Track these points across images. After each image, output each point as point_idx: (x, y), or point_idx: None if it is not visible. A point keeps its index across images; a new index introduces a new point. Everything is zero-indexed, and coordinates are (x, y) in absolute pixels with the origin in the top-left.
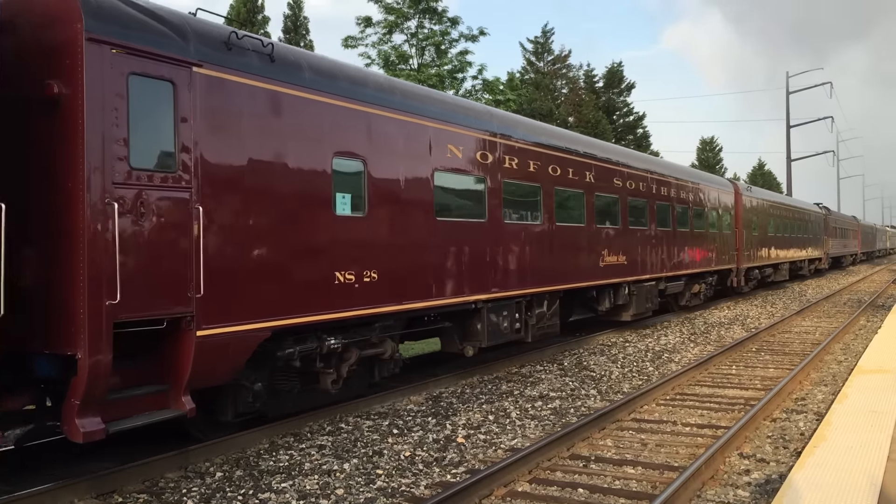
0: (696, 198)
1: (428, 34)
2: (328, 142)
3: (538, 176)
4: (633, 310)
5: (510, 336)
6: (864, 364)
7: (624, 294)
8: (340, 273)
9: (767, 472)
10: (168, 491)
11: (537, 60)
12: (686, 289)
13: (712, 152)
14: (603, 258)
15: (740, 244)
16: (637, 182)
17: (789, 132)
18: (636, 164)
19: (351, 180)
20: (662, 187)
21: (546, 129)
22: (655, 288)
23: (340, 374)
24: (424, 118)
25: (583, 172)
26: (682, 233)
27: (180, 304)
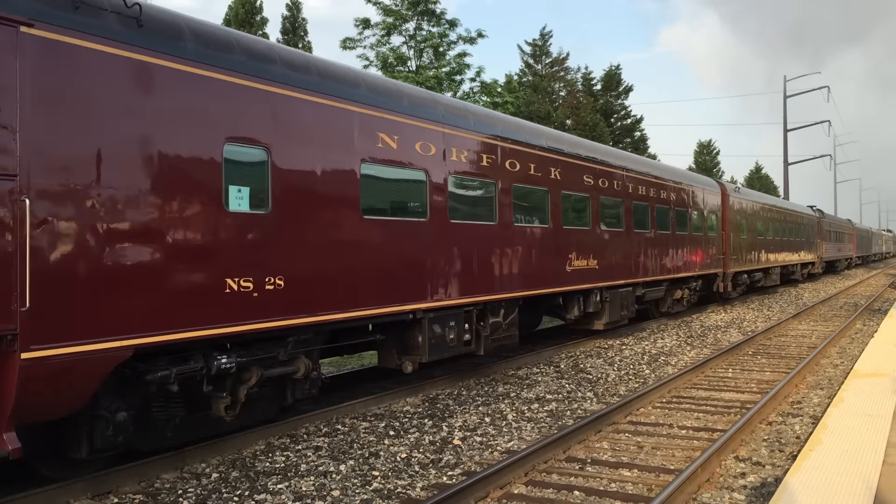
0: (679, 198)
1: (426, 36)
2: (218, 125)
3: (493, 171)
4: (606, 318)
5: (458, 349)
6: (859, 368)
7: (595, 301)
8: (233, 280)
9: (763, 476)
10: (164, 492)
11: (535, 63)
12: (668, 294)
13: (710, 155)
14: (570, 262)
15: (727, 247)
16: (611, 180)
17: (786, 136)
18: (610, 161)
19: (250, 171)
20: (640, 186)
21: (503, 119)
22: (632, 294)
23: (237, 398)
24: (350, 102)
25: (547, 168)
26: (662, 235)
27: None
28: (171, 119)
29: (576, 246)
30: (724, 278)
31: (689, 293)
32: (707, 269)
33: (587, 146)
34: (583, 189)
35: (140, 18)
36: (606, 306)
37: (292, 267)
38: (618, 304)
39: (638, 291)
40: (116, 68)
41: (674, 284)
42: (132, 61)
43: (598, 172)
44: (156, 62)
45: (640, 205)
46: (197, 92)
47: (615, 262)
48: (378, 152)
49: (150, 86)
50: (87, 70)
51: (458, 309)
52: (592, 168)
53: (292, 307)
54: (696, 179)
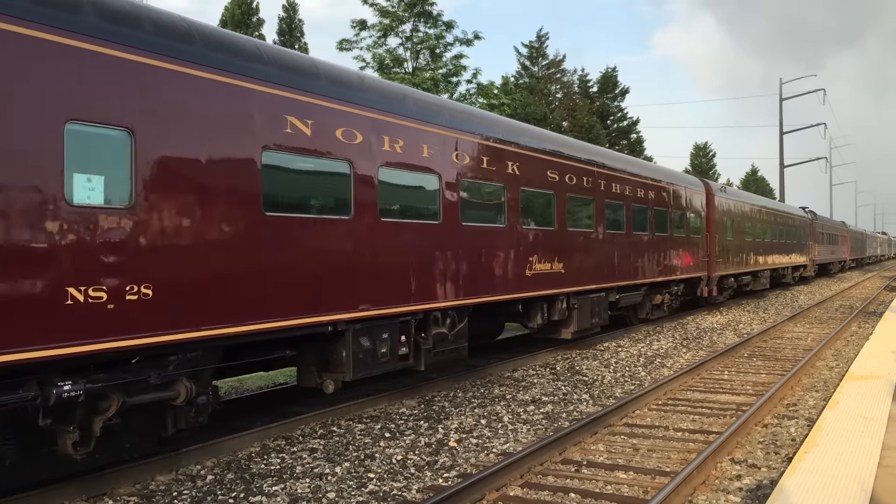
0: (659, 197)
1: (423, 38)
2: (56, 101)
3: (436, 164)
4: (574, 326)
5: (391, 364)
6: (855, 370)
7: (561, 308)
8: (78, 289)
9: (759, 478)
10: (159, 494)
11: (532, 65)
12: (646, 300)
13: (706, 158)
14: (531, 266)
15: (712, 250)
16: (580, 176)
17: (782, 138)
18: (579, 156)
19: (103, 157)
20: (615, 184)
21: (451, 106)
22: (605, 300)
23: (92, 431)
24: (249, 79)
25: (503, 163)
26: (639, 236)
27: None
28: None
29: (538, 248)
30: (708, 282)
31: (670, 298)
32: (690, 273)
33: (552, 139)
34: (546, 185)
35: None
36: (574, 313)
37: (165, 273)
38: (587, 310)
39: (612, 297)
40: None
41: (653, 289)
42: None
43: (564, 168)
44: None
45: (613, 203)
46: (19, 57)
47: (585, 265)
48: (286, 139)
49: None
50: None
51: (391, 319)
52: (558, 163)
53: (167, 321)
54: (678, 178)
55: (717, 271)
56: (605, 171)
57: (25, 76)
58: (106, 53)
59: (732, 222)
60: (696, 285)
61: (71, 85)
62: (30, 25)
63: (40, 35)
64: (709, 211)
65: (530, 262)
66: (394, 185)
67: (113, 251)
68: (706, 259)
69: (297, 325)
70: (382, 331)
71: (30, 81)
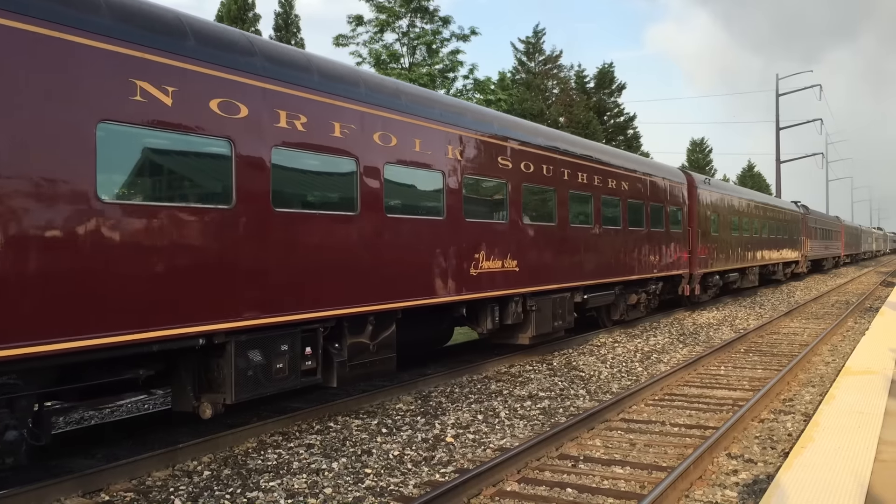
0: (634, 189)
1: (419, 33)
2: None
3: (352, 145)
4: (532, 330)
5: (291, 382)
6: (851, 365)
7: (515, 310)
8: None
9: (755, 473)
10: (155, 489)
11: (528, 61)
12: (620, 300)
13: (702, 153)
14: (477, 263)
15: (694, 245)
16: (539, 164)
17: (779, 134)
18: (538, 141)
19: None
20: (581, 173)
21: (367, 78)
22: (569, 300)
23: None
24: (76, 30)
25: (442, 146)
26: (611, 231)
27: None
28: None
29: (486, 244)
30: (690, 280)
31: (647, 298)
32: (670, 270)
33: (502, 119)
34: (496, 173)
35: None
36: (533, 316)
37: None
38: (548, 312)
39: (578, 297)
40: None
41: (628, 288)
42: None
43: (519, 154)
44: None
45: (579, 195)
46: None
47: (545, 262)
48: (136, 110)
49: None
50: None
51: (290, 329)
52: (512, 149)
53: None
54: (656, 168)
55: (701, 268)
56: (569, 158)
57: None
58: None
59: (718, 216)
60: (677, 283)
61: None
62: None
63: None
64: (691, 204)
65: (476, 260)
66: (295, 170)
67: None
68: (688, 255)
69: (151, 339)
70: (279, 342)
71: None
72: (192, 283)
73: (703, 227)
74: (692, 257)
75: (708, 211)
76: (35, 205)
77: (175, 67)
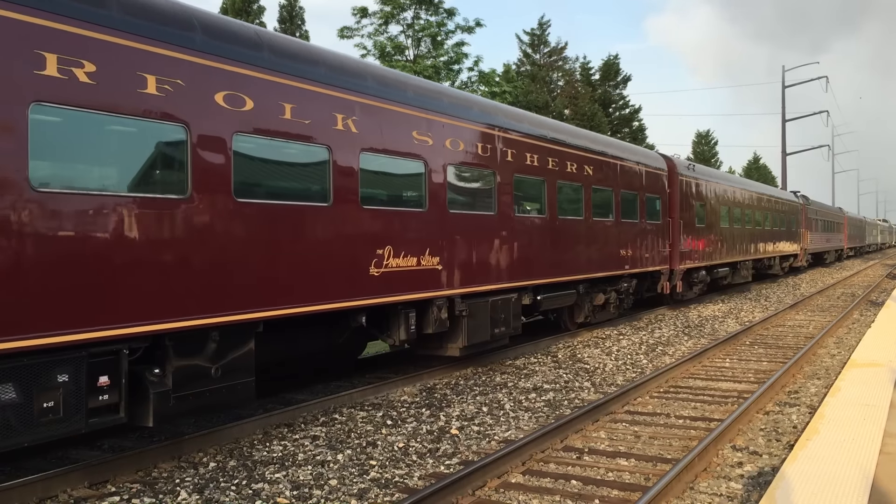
0: (601, 174)
1: (424, 25)
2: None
3: (178, 107)
4: (464, 339)
5: (67, 426)
6: (857, 358)
7: (436, 317)
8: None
9: (760, 465)
10: (161, 481)
11: (533, 52)
12: (584, 300)
13: (708, 146)
14: (381, 261)
15: (676, 238)
16: (473, 142)
17: (784, 126)
18: (469, 114)
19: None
20: (531, 154)
21: (209, 19)
22: (515, 303)
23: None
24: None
25: (327, 115)
26: (570, 223)
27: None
28: None
29: (395, 237)
30: (672, 276)
31: (617, 297)
32: (646, 266)
33: (418, 86)
34: (410, 151)
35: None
36: (464, 323)
37: None
38: (485, 318)
39: (527, 298)
40: None
41: (595, 286)
42: None
43: (444, 129)
44: None
45: (528, 180)
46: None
47: (481, 259)
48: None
49: None
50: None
51: (70, 353)
52: (430, 120)
53: None
54: (630, 151)
55: (684, 263)
56: (515, 136)
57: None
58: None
59: (704, 206)
60: (657, 280)
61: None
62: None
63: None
64: (672, 192)
65: (379, 257)
66: (77, 139)
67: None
68: (668, 249)
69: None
70: (45, 373)
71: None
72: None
73: (686, 217)
74: (673, 251)
75: (692, 200)
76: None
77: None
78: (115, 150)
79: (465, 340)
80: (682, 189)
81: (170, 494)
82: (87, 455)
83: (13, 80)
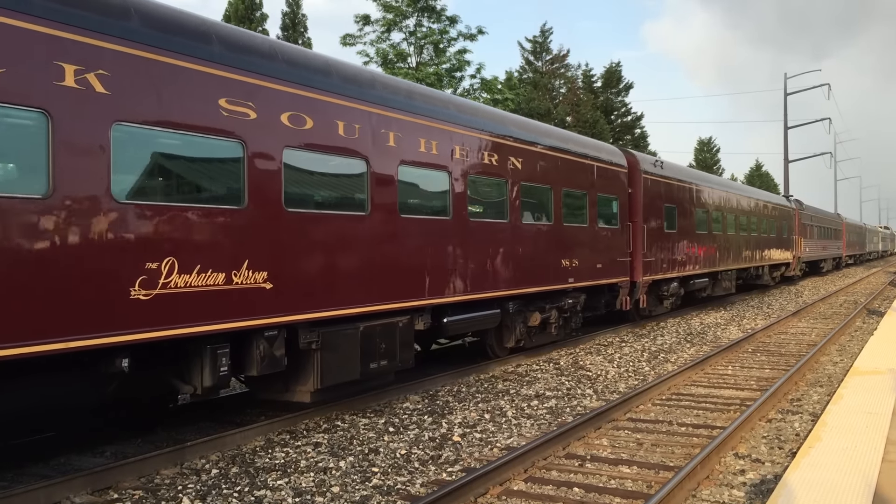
0: (533, 168)
1: (426, 33)
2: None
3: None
4: (317, 380)
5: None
6: (859, 365)
7: (265, 354)
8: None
9: (762, 473)
10: (164, 487)
11: (536, 60)
12: (515, 320)
13: (710, 153)
14: (154, 280)
15: (638, 245)
16: (327, 120)
17: (787, 133)
18: (318, 83)
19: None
20: (421, 138)
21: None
22: (403, 329)
23: None
24: None
25: (42, 72)
26: (488, 226)
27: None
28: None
29: (177, 244)
30: (635, 290)
31: (559, 315)
32: (599, 278)
33: (233, 37)
34: (213, 126)
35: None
36: (317, 359)
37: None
38: (352, 350)
39: (421, 322)
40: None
41: (531, 304)
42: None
43: (268, 97)
44: None
45: (423, 173)
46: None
47: (343, 272)
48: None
49: None
50: None
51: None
52: (246, 84)
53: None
54: (574, 141)
55: (649, 274)
56: (392, 114)
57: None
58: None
59: (676, 208)
60: (618, 294)
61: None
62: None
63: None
64: (634, 192)
65: (152, 274)
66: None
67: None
68: (629, 259)
69: None
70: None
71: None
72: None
73: (653, 221)
74: (635, 261)
75: (660, 202)
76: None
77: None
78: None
79: (318, 382)
80: (647, 189)
81: (172, 501)
82: (90, 462)
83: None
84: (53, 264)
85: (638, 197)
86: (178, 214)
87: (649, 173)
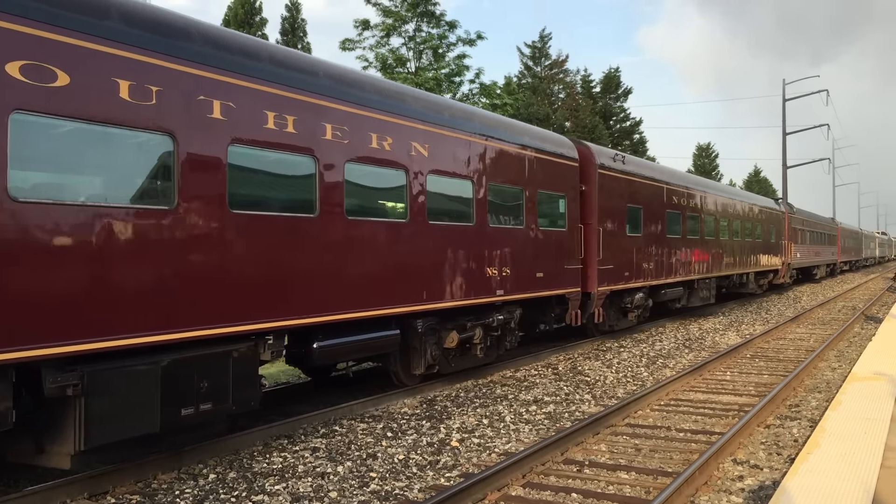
0: (447, 156)
1: (426, 38)
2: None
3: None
4: (81, 437)
5: None
6: (858, 371)
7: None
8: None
9: (761, 479)
10: (161, 492)
11: (534, 65)
12: (425, 342)
13: (708, 158)
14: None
15: (592, 251)
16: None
17: (785, 139)
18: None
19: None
20: (266, 110)
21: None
22: (239, 361)
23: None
24: None
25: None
26: (376, 226)
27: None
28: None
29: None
30: (586, 303)
31: (485, 334)
32: (540, 290)
33: None
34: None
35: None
36: (80, 409)
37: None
38: (145, 394)
39: (268, 352)
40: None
41: (448, 321)
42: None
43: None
44: None
45: (279, 158)
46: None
47: (125, 286)
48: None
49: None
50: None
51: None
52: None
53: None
54: (506, 125)
55: (606, 284)
56: (248, 83)
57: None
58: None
59: (643, 209)
60: (566, 307)
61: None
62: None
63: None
64: (588, 190)
65: None
66: None
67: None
68: (580, 266)
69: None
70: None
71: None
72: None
73: (612, 224)
74: (589, 268)
75: (624, 201)
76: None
77: None
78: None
79: (82, 441)
80: (604, 186)
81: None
82: (87, 466)
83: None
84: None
85: (593, 195)
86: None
87: (608, 168)
